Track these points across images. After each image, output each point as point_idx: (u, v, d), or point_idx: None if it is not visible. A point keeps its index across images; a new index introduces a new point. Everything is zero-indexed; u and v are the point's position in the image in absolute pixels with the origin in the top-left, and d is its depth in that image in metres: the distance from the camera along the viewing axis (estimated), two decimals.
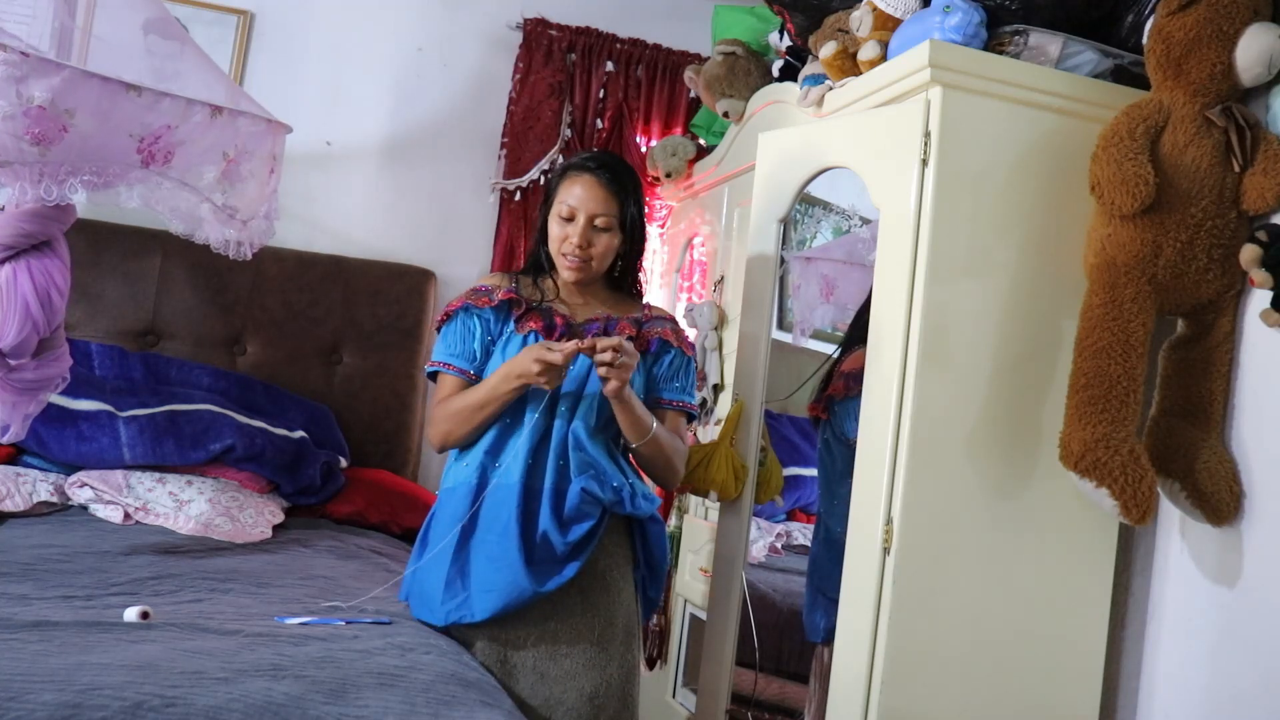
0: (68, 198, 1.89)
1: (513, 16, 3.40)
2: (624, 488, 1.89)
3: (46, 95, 1.79)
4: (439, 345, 1.97)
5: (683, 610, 2.72)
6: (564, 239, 1.93)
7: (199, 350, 3.04)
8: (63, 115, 1.82)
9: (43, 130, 1.80)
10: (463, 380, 1.93)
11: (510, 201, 3.34)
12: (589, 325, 1.95)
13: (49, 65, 1.81)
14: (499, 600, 1.81)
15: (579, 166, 1.95)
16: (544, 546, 1.83)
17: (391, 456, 3.17)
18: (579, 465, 1.87)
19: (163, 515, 2.52)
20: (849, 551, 1.88)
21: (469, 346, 1.93)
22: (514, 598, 1.81)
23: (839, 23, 2.20)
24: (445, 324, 1.97)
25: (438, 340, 1.98)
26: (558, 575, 1.83)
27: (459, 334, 1.94)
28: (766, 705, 2.22)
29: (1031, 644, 1.87)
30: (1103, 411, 1.71)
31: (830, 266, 2.49)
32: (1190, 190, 1.73)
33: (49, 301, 2.06)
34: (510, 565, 1.81)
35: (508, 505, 1.84)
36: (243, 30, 3.20)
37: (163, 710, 1.25)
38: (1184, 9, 1.72)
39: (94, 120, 1.86)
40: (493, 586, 1.82)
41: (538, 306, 1.94)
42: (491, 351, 1.93)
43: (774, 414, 2.34)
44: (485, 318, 1.94)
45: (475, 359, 1.93)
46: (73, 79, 1.82)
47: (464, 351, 1.93)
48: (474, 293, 1.97)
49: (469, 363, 1.93)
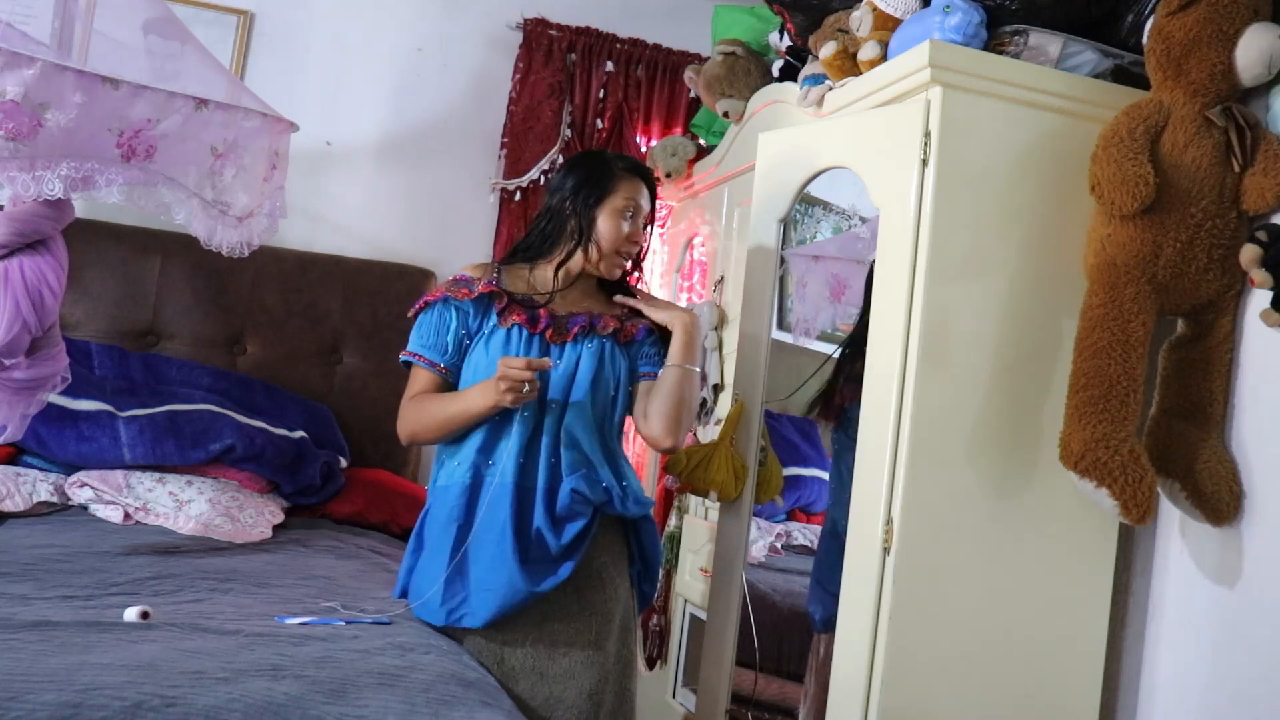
0: (45, 193, 1.87)
1: (513, 16, 3.40)
2: (613, 488, 1.89)
3: (19, 89, 1.77)
4: (414, 335, 1.95)
5: (683, 610, 2.72)
6: (627, 236, 1.95)
7: (199, 350, 3.04)
8: (36, 109, 1.80)
9: (16, 125, 1.78)
10: (433, 374, 1.91)
11: (510, 201, 3.34)
12: (572, 320, 1.94)
13: (20, 58, 1.78)
14: (496, 601, 1.81)
15: (634, 168, 1.99)
16: (538, 546, 1.83)
17: (391, 456, 3.17)
18: (571, 463, 1.87)
19: (163, 515, 2.52)
20: (849, 551, 1.88)
21: (442, 339, 1.91)
22: (511, 599, 1.81)
23: (839, 23, 2.20)
24: (422, 313, 1.95)
25: (413, 329, 1.96)
26: (553, 575, 1.83)
27: (434, 325, 1.92)
28: (766, 705, 2.22)
29: (1031, 644, 1.87)
30: (1103, 411, 1.71)
31: (839, 266, 2.49)
32: (1190, 190, 1.73)
33: (41, 301, 2.04)
34: (506, 566, 1.81)
35: (502, 505, 1.84)
36: (243, 30, 3.20)
37: (163, 710, 1.25)
38: (1184, 9, 1.72)
39: (70, 114, 1.83)
40: (490, 586, 1.82)
41: (521, 299, 1.93)
42: (465, 345, 1.91)
43: (774, 414, 2.34)
44: (464, 310, 1.91)
45: (447, 352, 1.91)
46: (46, 72, 1.80)
47: (437, 344, 1.91)
48: (454, 284, 1.94)
49: (440, 355, 1.91)
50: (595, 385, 1.91)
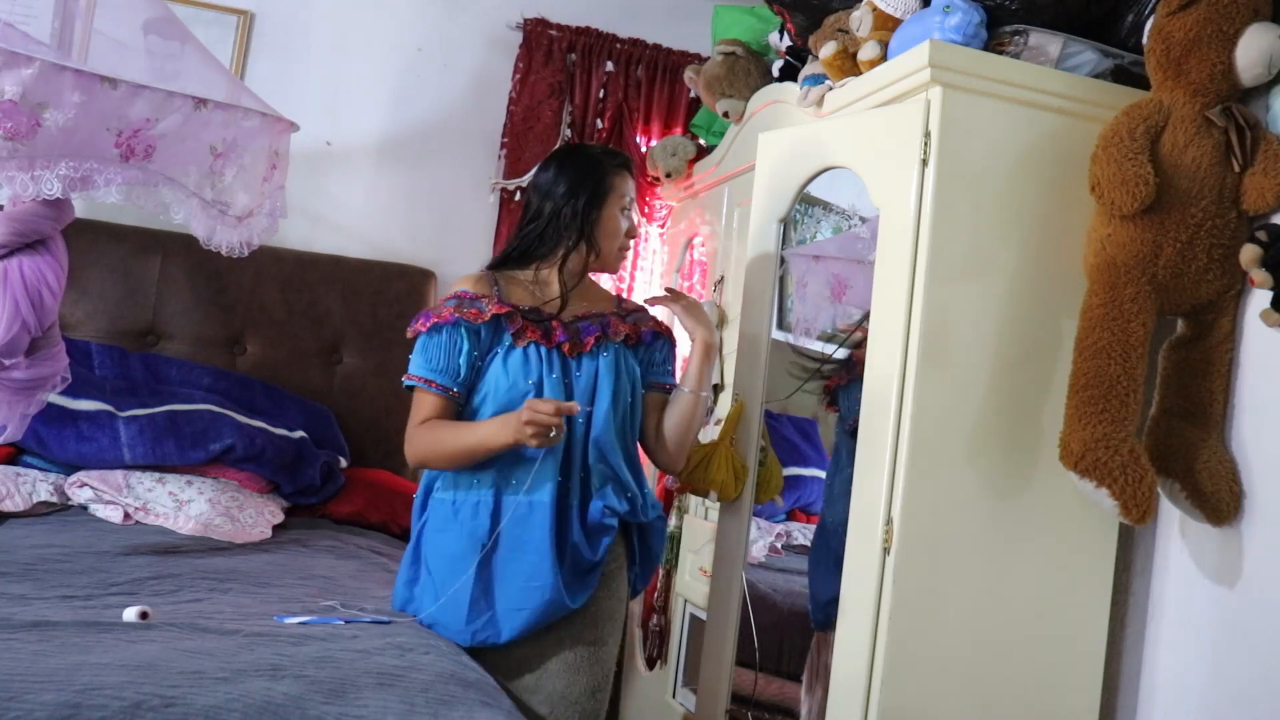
0: (44, 193, 1.87)
1: (513, 16, 3.40)
2: (637, 497, 1.91)
3: (17, 89, 1.76)
4: (419, 358, 1.86)
5: (683, 610, 2.72)
6: (627, 232, 1.97)
7: (199, 350, 3.04)
8: (34, 109, 1.79)
9: (14, 124, 1.78)
10: (444, 399, 1.84)
11: (510, 201, 3.34)
12: (584, 328, 1.93)
13: (18, 58, 1.78)
14: (528, 619, 1.80)
15: (624, 163, 2.00)
16: (574, 561, 1.83)
17: (391, 456, 3.16)
18: (601, 477, 1.88)
19: (162, 515, 2.52)
20: (849, 551, 1.88)
21: (454, 363, 1.84)
22: (546, 615, 1.81)
23: (839, 23, 2.20)
24: (427, 334, 1.86)
25: (417, 351, 1.87)
26: (586, 588, 1.84)
27: (444, 349, 1.84)
28: (766, 705, 2.22)
29: (1031, 644, 1.87)
30: (1103, 411, 1.71)
31: (839, 265, 2.48)
32: (1190, 190, 1.73)
33: (40, 301, 2.04)
34: (544, 584, 1.79)
35: (540, 524, 1.81)
36: (243, 30, 3.20)
37: (162, 710, 1.25)
38: (1184, 9, 1.72)
39: (68, 114, 1.83)
40: (522, 605, 1.80)
41: (530, 313, 1.89)
42: (479, 367, 1.86)
43: (774, 414, 2.34)
44: (475, 331, 1.85)
45: (459, 376, 1.84)
46: (44, 72, 1.79)
47: (448, 368, 1.84)
48: (461, 303, 1.86)
49: (453, 380, 1.84)
50: (616, 397, 1.91)
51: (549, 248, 1.96)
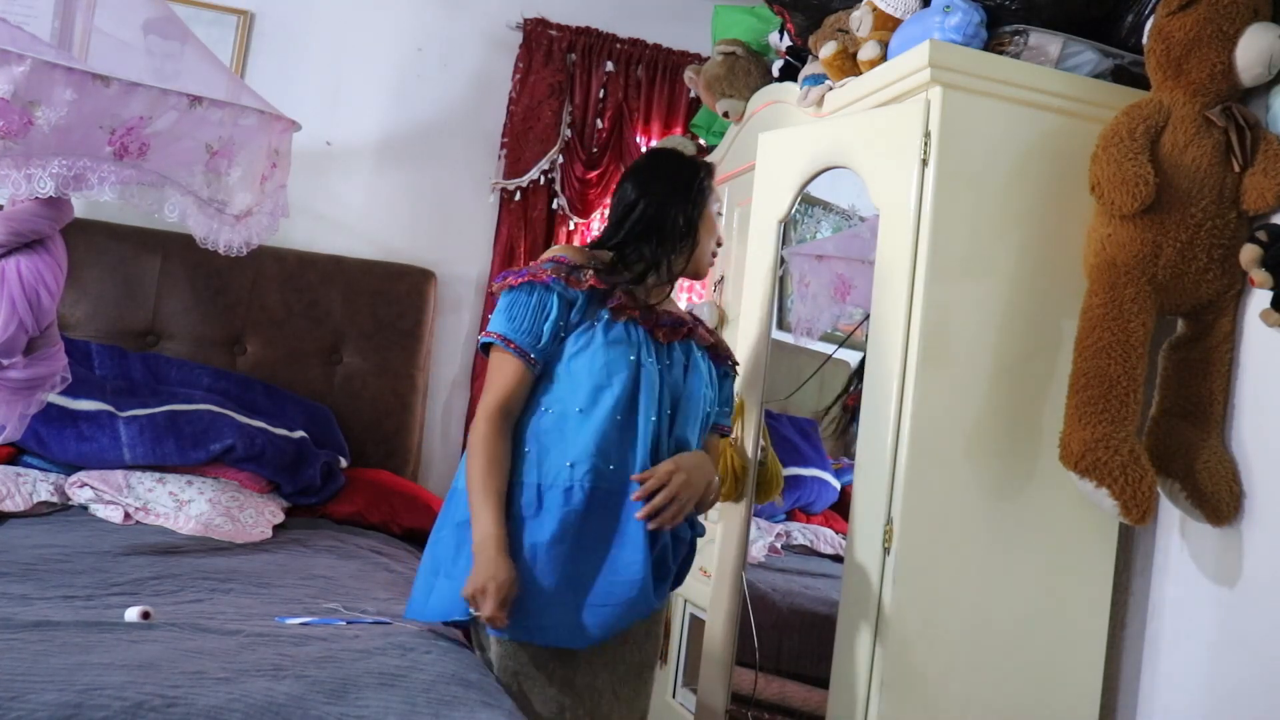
0: (37, 191, 1.86)
1: (513, 16, 3.40)
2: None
3: (8, 87, 1.76)
4: (501, 315, 1.69)
5: (683, 610, 2.72)
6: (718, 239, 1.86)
7: (199, 350, 3.04)
8: (26, 107, 1.78)
9: (6, 123, 1.77)
10: (523, 367, 1.67)
11: (510, 201, 3.35)
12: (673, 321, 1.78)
13: (10, 56, 1.77)
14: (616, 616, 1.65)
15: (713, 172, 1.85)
16: (662, 560, 1.72)
17: (392, 456, 3.17)
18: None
19: (163, 515, 2.51)
20: (849, 551, 1.88)
21: (538, 326, 1.67)
22: (633, 615, 1.67)
23: (839, 23, 2.21)
24: (517, 290, 1.70)
25: (501, 308, 1.70)
26: (665, 590, 1.76)
27: (531, 309, 1.68)
28: (766, 705, 2.22)
29: (1031, 644, 1.87)
30: (1103, 411, 1.71)
31: (840, 265, 2.48)
32: (1190, 190, 1.73)
33: (37, 300, 2.03)
34: (633, 580, 1.65)
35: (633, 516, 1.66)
36: (243, 30, 3.20)
37: (163, 710, 1.25)
38: (1184, 9, 1.72)
39: (60, 112, 1.82)
40: (608, 600, 1.65)
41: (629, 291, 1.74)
42: (562, 337, 1.69)
43: (774, 414, 2.34)
44: (570, 299, 1.69)
45: (541, 341, 1.67)
46: (36, 69, 1.78)
47: (532, 329, 1.67)
48: (559, 267, 1.69)
49: (534, 344, 1.67)
50: (702, 399, 1.79)
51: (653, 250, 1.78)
